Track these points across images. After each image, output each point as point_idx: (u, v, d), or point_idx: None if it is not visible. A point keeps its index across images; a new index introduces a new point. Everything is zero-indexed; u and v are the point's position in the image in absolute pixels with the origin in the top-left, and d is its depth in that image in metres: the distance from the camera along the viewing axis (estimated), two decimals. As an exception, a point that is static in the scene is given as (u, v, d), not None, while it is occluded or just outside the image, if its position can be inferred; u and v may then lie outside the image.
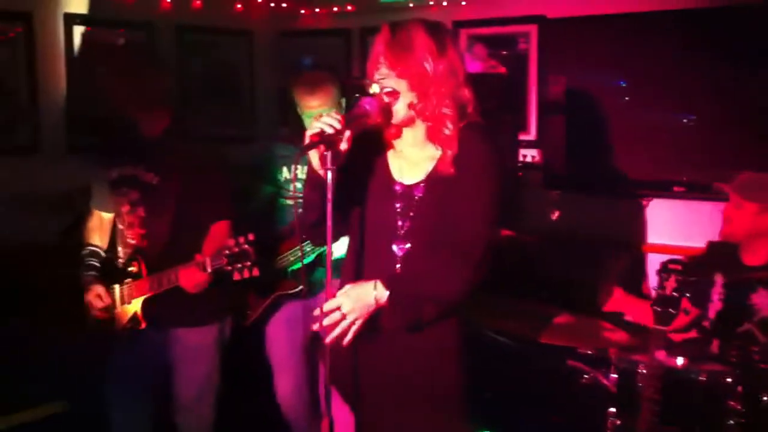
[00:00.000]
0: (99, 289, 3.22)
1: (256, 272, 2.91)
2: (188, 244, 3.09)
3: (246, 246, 2.87)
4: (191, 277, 3.00)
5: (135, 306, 3.16)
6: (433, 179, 2.31)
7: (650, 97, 4.68)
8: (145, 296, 3.13)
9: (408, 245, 2.31)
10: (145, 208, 3.19)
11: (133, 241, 3.22)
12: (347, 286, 2.24)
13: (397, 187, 2.35)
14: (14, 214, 4.47)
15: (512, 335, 3.44)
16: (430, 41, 2.24)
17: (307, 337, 3.57)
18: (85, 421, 3.85)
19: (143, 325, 3.16)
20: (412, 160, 2.38)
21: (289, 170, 3.66)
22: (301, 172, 3.60)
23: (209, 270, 2.94)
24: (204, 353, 3.32)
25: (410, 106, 2.26)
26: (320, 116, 3.41)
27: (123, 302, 3.20)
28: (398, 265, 2.32)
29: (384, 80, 2.27)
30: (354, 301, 2.19)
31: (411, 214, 2.32)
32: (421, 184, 2.33)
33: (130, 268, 3.19)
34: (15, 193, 4.47)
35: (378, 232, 2.36)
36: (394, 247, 2.33)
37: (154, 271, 3.11)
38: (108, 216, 3.39)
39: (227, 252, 2.88)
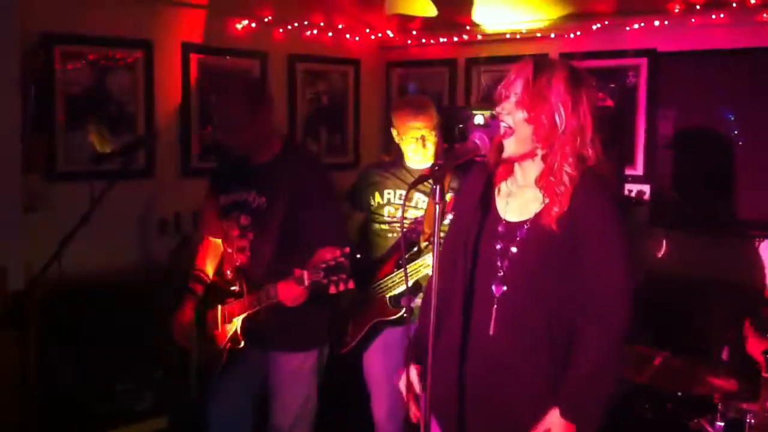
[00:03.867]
0: (185, 314, 3.35)
1: (351, 284, 2.93)
2: (291, 266, 3.12)
3: (341, 258, 2.90)
4: (289, 291, 3.02)
5: (235, 325, 3.21)
6: (537, 225, 2.28)
7: (762, 134, 4.53)
8: (244, 314, 3.18)
9: (505, 287, 2.30)
10: (254, 231, 3.26)
11: (240, 264, 3.29)
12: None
13: (501, 228, 2.34)
14: (131, 236, 4.65)
15: (616, 377, 3.35)
16: (567, 95, 2.20)
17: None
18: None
19: (242, 344, 3.20)
20: (520, 198, 2.35)
21: (382, 196, 3.69)
22: (398, 197, 3.65)
23: (306, 283, 2.96)
24: (303, 378, 3.36)
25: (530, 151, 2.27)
26: (423, 138, 3.50)
27: (224, 321, 3.25)
28: (494, 306, 2.30)
29: (507, 115, 2.25)
30: None
31: (510, 253, 2.30)
32: (525, 226, 2.30)
33: (232, 288, 3.25)
34: (131, 215, 4.65)
35: (478, 269, 2.36)
36: (493, 287, 2.32)
37: (255, 290, 3.16)
38: (218, 241, 3.48)
39: (323, 265, 2.91)
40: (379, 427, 3.70)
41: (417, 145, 3.58)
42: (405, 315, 3.47)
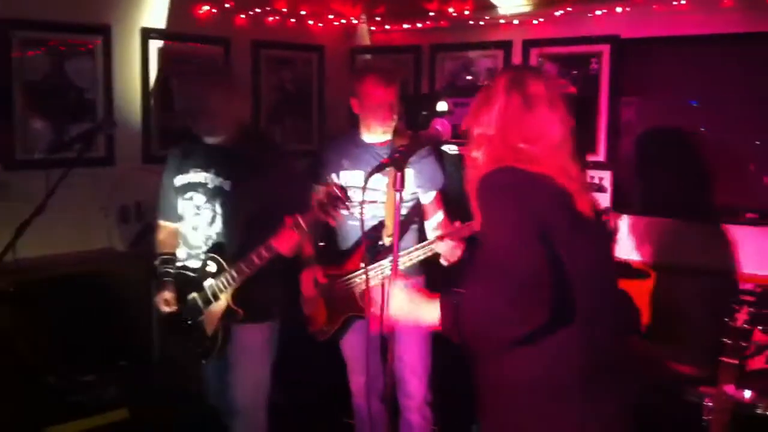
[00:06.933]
0: (167, 294, 3.36)
1: (348, 208, 3.05)
2: (261, 241, 3.18)
3: (337, 192, 2.97)
4: (285, 241, 3.09)
5: (225, 300, 3.23)
6: None
7: (724, 120, 4.57)
8: (235, 287, 3.21)
9: None
10: (219, 211, 3.28)
11: (202, 244, 3.32)
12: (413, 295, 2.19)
13: None
14: (92, 224, 4.60)
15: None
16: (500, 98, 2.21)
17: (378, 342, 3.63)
18: (146, 430, 3.94)
19: (241, 313, 3.23)
20: None
21: (339, 179, 3.65)
22: (355, 180, 3.62)
23: (305, 227, 3.05)
24: (261, 352, 3.42)
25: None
26: (390, 107, 3.44)
27: (212, 301, 3.26)
28: None
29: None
30: (405, 308, 2.17)
31: None
32: None
33: (207, 269, 3.27)
34: (92, 203, 4.59)
35: None
36: None
37: (234, 261, 3.20)
38: (174, 226, 3.49)
39: (317, 204, 2.98)
40: (356, 396, 3.76)
41: (380, 114, 3.49)
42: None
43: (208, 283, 3.26)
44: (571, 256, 2.04)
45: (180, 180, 3.38)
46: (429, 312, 2.13)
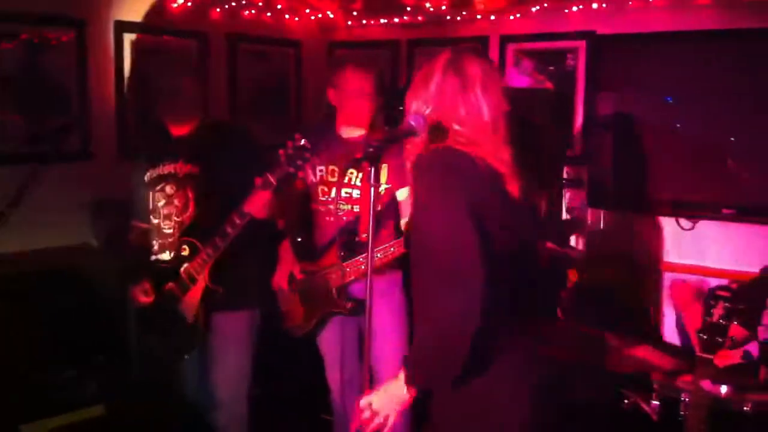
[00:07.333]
0: (145, 284, 3.35)
1: (316, 160, 3.07)
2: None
3: (300, 143, 2.95)
4: (256, 201, 3.06)
5: (201, 282, 3.22)
6: None
7: (701, 117, 4.59)
8: (209, 265, 3.20)
9: None
10: (191, 197, 3.31)
11: (170, 231, 3.33)
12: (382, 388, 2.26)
13: None
14: (68, 219, 4.55)
15: (552, 356, 3.39)
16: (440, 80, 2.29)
17: (357, 337, 3.65)
18: (122, 427, 3.90)
19: (220, 291, 3.22)
20: None
21: (314, 172, 3.63)
22: (329, 174, 3.61)
23: (275, 183, 3.00)
24: (242, 342, 3.40)
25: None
26: (366, 97, 3.42)
27: (189, 286, 3.25)
28: None
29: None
30: (384, 400, 2.23)
31: None
32: None
33: (182, 254, 3.26)
34: (68, 198, 4.53)
35: None
36: None
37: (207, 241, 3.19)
38: (148, 226, 3.47)
39: (283, 158, 2.95)
40: (334, 391, 3.73)
41: (359, 105, 3.47)
42: (354, 307, 3.46)
43: (184, 267, 3.26)
44: (499, 235, 2.12)
45: (150, 174, 3.39)
46: (400, 383, 2.20)
